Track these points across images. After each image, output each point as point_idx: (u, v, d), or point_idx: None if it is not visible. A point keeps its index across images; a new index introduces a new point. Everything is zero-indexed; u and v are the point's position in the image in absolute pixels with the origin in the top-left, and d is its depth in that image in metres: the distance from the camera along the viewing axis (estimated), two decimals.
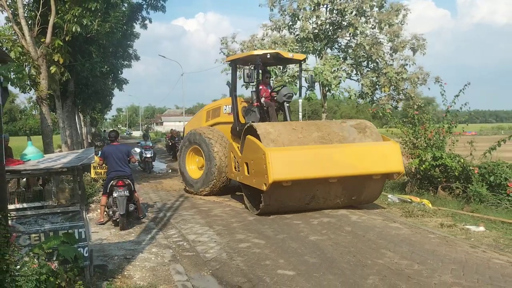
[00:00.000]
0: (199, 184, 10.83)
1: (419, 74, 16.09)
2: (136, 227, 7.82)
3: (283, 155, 7.66)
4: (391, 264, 5.35)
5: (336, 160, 7.82)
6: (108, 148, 8.27)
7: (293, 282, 4.85)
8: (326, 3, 16.01)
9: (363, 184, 8.30)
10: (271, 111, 9.96)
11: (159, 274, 5.22)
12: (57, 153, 9.39)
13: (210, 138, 10.54)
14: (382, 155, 8.21)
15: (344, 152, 8.07)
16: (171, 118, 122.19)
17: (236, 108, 10.43)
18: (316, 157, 7.76)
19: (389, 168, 8.20)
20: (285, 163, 7.51)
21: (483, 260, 5.56)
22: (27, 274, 3.51)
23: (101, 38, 14.08)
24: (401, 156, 8.53)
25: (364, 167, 7.96)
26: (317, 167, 7.66)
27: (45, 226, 4.38)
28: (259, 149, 7.71)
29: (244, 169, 8.51)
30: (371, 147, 8.35)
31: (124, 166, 7.93)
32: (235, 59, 10.87)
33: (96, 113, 45.45)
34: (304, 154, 7.77)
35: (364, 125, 8.96)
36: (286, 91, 10.09)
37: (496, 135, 61.05)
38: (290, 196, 7.96)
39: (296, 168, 7.54)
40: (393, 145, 8.50)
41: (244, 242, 6.54)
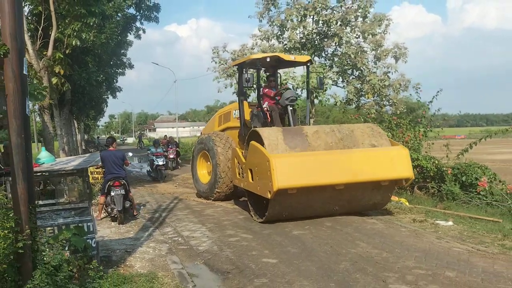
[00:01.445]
0: (207, 189, 10.87)
1: (401, 81, 16.92)
2: (134, 226, 8.47)
3: (288, 161, 7.40)
4: (362, 253, 6.06)
5: (343, 166, 7.56)
6: (105, 153, 9.01)
7: (275, 268, 5.54)
8: (312, 14, 16.82)
9: (371, 191, 8.04)
10: (274, 115, 9.70)
11: (157, 264, 5.88)
12: (67, 157, 10.02)
13: (216, 143, 10.50)
14: (391, 160, 7.91)
15: (351, 158, 7.75)
16: (164, 124, 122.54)
17: (243, 113, 10.19)
18: (323, 164, 7.50)
19: (398, 174, 7.93)
20: (290, 170, 7.26)
21: (444, 248, 6.28)
22: (45, 262, 4.17)
23: (97, 49, 14.74)
24: (410, 161, 8.17)
25: (372, 173, 7.68)
26: (323, 174, 7.40)
27: (58, 220, 5.05)
28: (263, 155, 7.48)
29: (248, 175, 8.29)
30: (379, 152, 8.06)
31: (119, 169, 8.79)
32: (241, 63, 10.52)
33: (89, 120, 45.90)
34: (310, 160, 7.52)
35: (372, 130, 8.67)
36: (289, 94, 9.81)
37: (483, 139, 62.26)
38: (296, 204, 7.72)
39: (302, 175, 7.28)
40: (402, 150, 8.17)
41: (233, 237, 7.23)
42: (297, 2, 16.82)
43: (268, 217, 7.81)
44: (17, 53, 3.29)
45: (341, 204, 8.10)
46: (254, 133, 8.33)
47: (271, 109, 9.78)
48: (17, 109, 3.25)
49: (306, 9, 16.62)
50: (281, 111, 9.86)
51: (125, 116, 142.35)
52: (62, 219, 5.04)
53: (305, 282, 4.96)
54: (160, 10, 18.69)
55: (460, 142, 21.47)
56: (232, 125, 11.00)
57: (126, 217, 8.76)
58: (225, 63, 18.18)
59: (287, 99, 9.67)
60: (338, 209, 8.16)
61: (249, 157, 8.33)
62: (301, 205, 7.81)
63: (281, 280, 5.06)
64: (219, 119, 11.90)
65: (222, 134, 10.98)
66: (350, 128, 8.67)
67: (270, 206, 7.58)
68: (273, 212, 7.71)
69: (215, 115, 12.52)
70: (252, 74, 9.59)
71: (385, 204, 8.65)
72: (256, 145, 7.89)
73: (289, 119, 9.69)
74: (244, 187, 8.71)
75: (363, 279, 4.99)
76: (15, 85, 3.25)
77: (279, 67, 11.08)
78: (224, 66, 18.01)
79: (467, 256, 5.90)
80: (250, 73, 9.50)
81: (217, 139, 10.67)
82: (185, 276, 5.32)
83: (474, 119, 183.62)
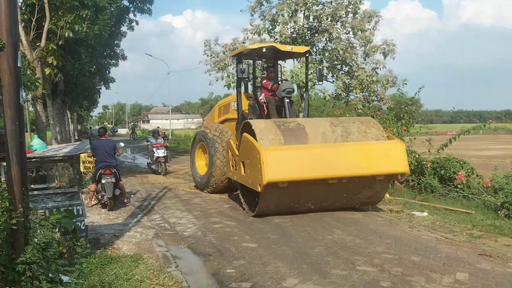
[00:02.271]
0: (204, 181, 10.81)
1: (389, 77, 17.28)
2: (124, 213, 8.79)
3: (279, 154, 7.29)
4: (337, 239, 6.44)
5: (337, 160, 7.45)
6: (97, 142, 9.45)
7: (254, 251, 5.91)
8: (303, 9, 17.09)
9: (365, 185, 7.95)
10: (270, 107, 9.52)
11: (143, 247, 6.23)
12: (58, 145, 10.32)
13: (212, 134, 10.42)
14: (386, 154, 7.77)
15: (345, 151, 7.64)
16: (157, 116, 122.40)
17: (240, 105, 10.03)
18: (315, 157, 7.38)
19: (393, 169, 7.82)
20: (281, 163, 7.16)
21: (414, 236, 6.68)
22: (36, 238, 4.50)
23: (90, 40, 14.96)
24: (406, 155, 8.05)
25: (366, 168, 7.58)
26: (315, 168, 7.29)
27: (49, 204, 5.37)
28: (254, 148, 7.37)
29: (240, 168, 8.20)
30: (374, 146, 7.90)
31: (110, 158, 9.17)
32: (238, 54, 10.28)
33: (83, 111, 45.97)
34: (302, 153, 7.42)
35: (368, 123, 8.53)
36: (285, 85, 9.58)
37: (474, 135, 63.13)
38: (287, 198, 7.63)
39: (293, 168, 7.19)
40: (398, 144, 8.06)
41: (217, 224, 7.59)
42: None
43: (259, 211, 7.69)
44: (12, 47, 3.59)
45: (334, 199, 7.99)
46: (247, 125, 8.19)
47: (267, 101, 9.63)
48: (12, 99, 3.56)
49: (297, 4, 16.87)
50: (278, 103, 9.65)
51: (119, 107, 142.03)
52: (53, 203, 5.36)
53: (280, 264, 5.33)
54: (153, 2, 18.89)
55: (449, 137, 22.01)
56: (231, 117, 10.82)
57: (115, 204, 9.13)
58: (217, 56, 18.45)
59: (284, 91, 9.49)
60: (331, 204, 8.08)
61: (241, 149, 8.22)
62: (292, 200, 7.70)
63: (258, 262, 5.42)
64: (219, 111, 11.76)
65: (219, 126, 10.88)
66: (347, 121, 8.54)
67: (260, 199, 7.47)
68: (264, 206, 7.59)
69: (215, 106, 12.34)
70: (247, 65, 9.33)
71: (380, 199, 8.53)
72: (248, 137, 7.77)
73: (285, 111, 9.50)
74: (237, 180, 8.63)
75: (334, 262, 5.37)
76: (10, 77, 3.56)
77: (278, 59, 10.85)
78: (215, 59, 18.27)
79: (434, 243, 6.29)
80: (245, 64, 9.29)
81: (213, 130, 10.59)
82: (169, 258, 5.67)
83: (467, 115, 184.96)
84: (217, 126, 10.90)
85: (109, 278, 4.54)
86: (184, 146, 29.89)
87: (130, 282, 4.51)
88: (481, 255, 5.73)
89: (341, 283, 4.67)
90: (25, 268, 3.53)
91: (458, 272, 5.01)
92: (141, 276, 4.76)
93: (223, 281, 4.81)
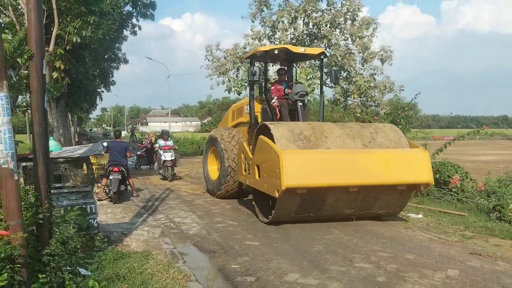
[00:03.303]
0: (215, 186, 10.55)
1: (386, 83, 17.68)
2: (129, 212, 9.10)
3: (299, 158, 6.90)
4: (336, 238, 6.76)
5: (358, 167, 7.09)
6: (112, 143, 10.78)
7: (257, 249, 6.22)
8: (303, 16, 17.51)
9: (386, 195, 7.60)
10: (283, 111, 9.28)
11: (151, 244, 6.54)
12: (72, 146, 10.68)
13: (223, 138, 10.18)
14: (409, 163, 7.40)
15: (367, 158, 7.28)
16: (156, 119, 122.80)
17: (253, 108, 9.77)
18: (336, 163, 7.03)
19: (416, 178, 7.44)
20: (301, 168, 6.78)
21: (409, 236, 7.01)
22: (60, 232, 4.81)
23: (93, 44, 15.30)
24: (430, 165, 7.67)
25: (389, 176, 7.22)
26: (336, 174, 6.93)
27: (64, 202, 5.69)
28: (273, 151, 6.97)
29: (254, 172, 7.83)
30: (397, 154, 7.57)
31: (121, 158, 10.40)
32: (251, 56, 9.99)
33: (83, 113, 46.24)
34: (322, 158, 7.05)
35: (392, 130, 8.21)
36: (299, 88, 9.29)
37: (471, 140, 63.61)
38: (305, 205, 7.24)
39: (313, 174, 6.81)
40: (422, 153, 7.64)
41: (221, 223, 7.91)
42: (289, 4, 17.49)
43: (274, 217, 7.35)
44: (40, 56, 3.92)
45: (353, 208, 7.64)
46: (264, 127, 7.84)
47: (280, 104, 9.37)
48: (39, 103, 3.88)
49: (297, 11, 17.30)
50: (291, 106, 9.37)
51: (117, 110, 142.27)
52: (67, 201, 5.67)
53: (282, 261, 5.65)
54: (156, 8, 19.28)
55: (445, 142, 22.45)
56: (244, 120, 10.47)
57: (120, 199, 10.19)
58: (218, 61, 18.81)
59: (297, 94, 9.19)
60: (350, 213, 7.74)
61: (257, 152, 7.84)
62: (310, 208, 7.34)
63: (261, 259, 5.73)
64: (233, 114, 11.48)
65: (231, 129, 10.66)
66: (367, 126, 8.25)
67: (277, 206, 7.10)
68: (280, 213, 7.24)
69: (229, 109, 12.01)
70: (258, 67, 9.13)
71: (400, 210, 8.17)
72: (265, 139, 7.41)
73: (298, 115, 9.15)
74: (250, 184, 8.30)
75: (332, 259, 5.69)
76: (38, 83, 3.88)
77: (292, 61, 10.57)
78: (217, 64, 18.63)
79: (428, 243, 6.63)
80: (256, 66, 9.11)
81: (225, 134, 10.34)
82: (176, 254, 5.98)
83: (465, 120, 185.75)
84: (229, 130, 10.67)
85: (122, 271, 4.85)
86: (184, 148, 30.18)
87: (142, 275, 4.82)
88: (471, 254, 6.06)
89: (339, 277, 4.99)
90: (50, 259, 3.83)
91: (449, 269, 5.34)
92: (152, 270, 5.07)
93: (229, 275, 5.12)
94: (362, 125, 8.48)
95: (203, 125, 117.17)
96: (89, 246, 5.59)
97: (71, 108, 29.16)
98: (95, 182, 9.51)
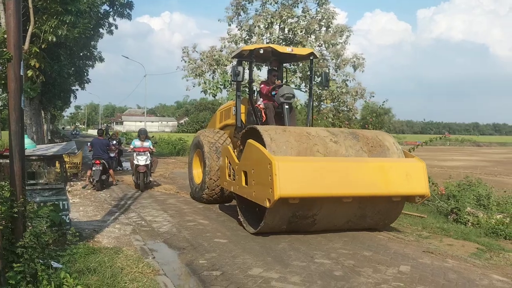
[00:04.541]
0: (198, 190, 10.11)
1: (358, 88, 18.24)
2: (101, 211, 9.25)
3: (293, 166, 6.46)
4: (300, 237, 7.12)
5: (355, 177, 6.71)
6: (95, 140, 12.96)
7: (225, 246, 6.53)
8: (279, 22, 17.91)
9: (380, 206, 7.32)
10: (269, 114, 8.85)
11: (122, 241, 6.75)
12: (45, 145, 10.75)
13: (207, 140, 9.77)
14: (405, 174, 7.06)
15: (364, 167, 6.89)
16: (131, 118, 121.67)
17: (239, 110, 9.35)
18: (332, 172, 6.61)
19: (412, 190, 7.12)
20: (295, 176, 6.34)
21: (370, 236, 7.43)
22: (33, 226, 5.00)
23: (69, 42, 15.30)
24: (427, 176, 7.37)
25: (385, 187, 6.89)
26: (331, 183, 6.53)
27: (37, 198, 5.85)
28: (264, 157, 6.47)
29: (241, 178, 7.33)
30: (393, 164, 7.19)
31: (102, 153, 12.55)
32: (237, 55, 9.51)
33: (56, 111, 45.56)
34: (318, 166, 6.61)
35: (383, 138, 7.84)
36: (285, 90, 8.83)
37: (443, 146, 65.59)
38: (296, 216, 6.84)
39: (307, 183, 6.38)
40: (418, 163, 7.32)
41: (191, 222, 8.18)
42: (265, 10, 17.86)
43: (263, 228, 6.87)
44: (18, 58, 4.13)
45: (345, 219, 7.33)
46: (252, 131, 7.40)
47: (265, 107, 8.98)
48: (17, 103, 4.09)
49: (273, 16, 17.68)
50: (278, 109, 8.96)
51: (92, 108, 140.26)
52: (41, 197, 5.85)
53: (247, 256, 5.97)
54: (133, 8, 19.37)
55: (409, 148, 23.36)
56: (231, 123, 9.99)
57: (103, 186, 12.28)
58: (194, 63, 19.01)
59: (283, 96, 8.74)
60: (342, 225, 7.44)
61: (244, 157, 7.33)
62: (302, 218, 6.95)
63: (228, 255, 6.04)
64: (220, 116, 11.00)
65: (216, 131, 10.26)
66: (362, 133, 7.91)
67: (267, 216, 6.65)
68: (270, 223, 6.80)
69: (217, 111, 11.55)
70: (242, 67, 8.82)
71: (392, 222, 7.92)
72: (254, 144, 6.91)
73: (284, 118, 8.74)
74: (235, 191, 7.79)
75: (295, 255, 6.05)
76: (16, 85, 4.09)
77: (281, 62, 10.15)
78: (193, 65, 18.83)
79: (386, 242, 7.07)
80: (240, 66, 8.81)
81: (209, 136, 9.94)
82: (146, 250, 6.23)
83: (437, 127, 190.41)
84: (214, 131, 10.25)
85: (93, 265, 5.07)
86: (159, 149, 30.17)
87: (112, 268, 5.05)
88: (424, 252, 6.52)
89: (299, 272, 5.34)
90: (23, 251, 4.03)
91: (402, 265, 5.77)
92: (122, 264, 5.31)
93: (196, 270, 5.41)
94: (355, 131, 8.17)
95: (180, 125, 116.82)
96: (61, 241, 5.79)
97: (45, 106, 28.85)
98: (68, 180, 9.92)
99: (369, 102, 16.08)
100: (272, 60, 9.79)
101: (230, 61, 18.47)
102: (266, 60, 10.26)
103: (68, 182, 8.27)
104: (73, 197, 10.44)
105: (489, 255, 6.70)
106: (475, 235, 7.84)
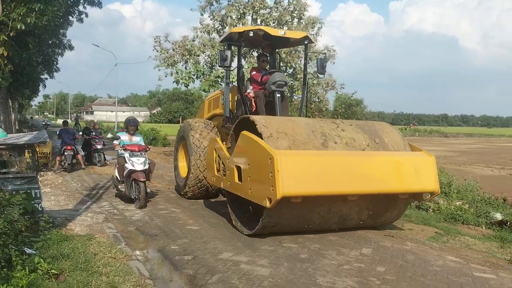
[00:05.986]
0: (183, 184, 9.49)
1: (328, 80, 18.61)
2: (73, 200, 9.28)
3: (298, 161, 5.78)
4: None
5: (362, 172, 6.07)
6: (62, 129, 14.60)
7: (196, 232, 6.73)
8: (251, 13, 18.01)
9: (386, 204, 6.78)
10: (259, 103, 8.17)
11: (95, 228, 6.86)
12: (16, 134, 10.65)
13: (192, 130, 9.15)
14: (414, 169, 6.44)
15: (372, 162, 6.24)
16: (102, 108, 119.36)
17: (227, 99, 8.74)
18: (338, 167, 5.98)
19: (422, 187, 6.53)
20: (299, 172, 5.66)
21: None
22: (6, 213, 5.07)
23: (38, 30, 15.02)
24: (437, 171, 6.76)
25: (394, 183, 6.31)
26: (338, 180, 5.91)
27: (9, 187, 5.89)
28: (264, 151, 5.74)
29: (233, 174, 6.59)
30: (401, 159, 6.56)
31: (71, 140, 14.22)
32: (225, 38, 8.68)
33: (24, 100, 44.39)
34: (323, 161, 5.97)
35: (386, 129, 7.21)
36: (277, 77, 8.11)
37: (412, 137, 67.24)
38: (297, 216, 6.29)
39: (311, 180, 5.74)
40: (428, 157, 6.70)
41: (164, 210, 8.34)
42: (237, 0, 17.92)
43: (260, 229, 6.25)
44: None
45: (350, 219, 6.77)
46: (246, 121, 6.64)
47: (256, 95, 8.25)
48: None
49: (245, 7, 17.76)
50: (269, 98, 8.31)
51: (61, 97, 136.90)
52: (13, 186, 5.89)
53: (218, 242, 6.19)
54: None
55: None
56: (220, 112, 9.35)
57: (72, 169, 13.99)
58: (166, 52, 18.92)
59: (274, 84, 8.07)
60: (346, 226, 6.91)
61: (237, 151, 6.61)
62: (303, 218, 6.39)
63: (199, 241, 6.25)
64: (209, 105, 10.26)
65: (203, 121, 9.61)
66: (366, 124, 7.27)
67: (265, 216, 6.03)
68: (268, 224, 6.18)
69: (205, 99, 10.79)
70: (230, 52, 8.10)
71: (395, 219, 7.38)
72: (251, 136, 6.16)
73: (276, 107, 8.13)
74: (226, 188, 7.06)
75: (264, 241, 6.30)
76: None
77: (274, 47, 9.38)
78: (165, 55, 18.74)
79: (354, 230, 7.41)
80: (228, 50, 8.13)
81: (195, 126, 9.29)
82: (119, 237, 6.37)
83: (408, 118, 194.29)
84: (200, 121, 9.60)
85: (66, 251, 5.19)
86: None
87: (85, 254, 5.18)
88: (386, 236, 6.90)
89: (267, 255, 5.60)
90: None
91: (364, 248, 6.12)
92: (95, 250, 5.44)
93: (168, 255, 5.60)
94: (357, 122, 7.53)
95: (152, 115, 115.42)
96: (33, 229, 5.86)
97: (12, 95, 28.13)
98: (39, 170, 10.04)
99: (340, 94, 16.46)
100: (264, 45, 9.13)
101: (203, 51, 18.51)
102: (257, 45, 9.71)
103: (39, 171, 8.26)
104: (44, 186, 10.38)
105: (446, 238, 7.15)
106: (435, 221, 8.31)
